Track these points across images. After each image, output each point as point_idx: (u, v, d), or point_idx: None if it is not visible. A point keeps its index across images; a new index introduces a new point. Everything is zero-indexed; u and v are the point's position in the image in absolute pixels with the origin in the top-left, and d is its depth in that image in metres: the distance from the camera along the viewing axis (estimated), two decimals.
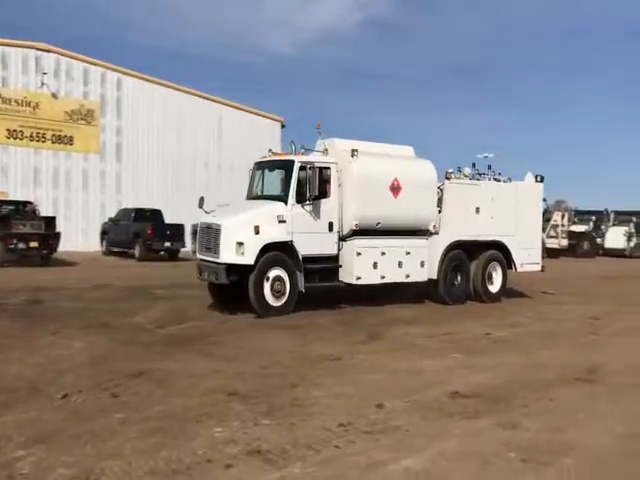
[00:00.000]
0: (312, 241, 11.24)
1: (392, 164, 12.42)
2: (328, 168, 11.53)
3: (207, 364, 7.12)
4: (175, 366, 6.95)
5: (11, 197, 24.62)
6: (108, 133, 29.56)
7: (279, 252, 10.90)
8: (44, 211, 23.06)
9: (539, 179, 14.48)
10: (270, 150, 12.74)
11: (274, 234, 10.86)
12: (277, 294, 10.83)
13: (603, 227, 37.81)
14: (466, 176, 13.85)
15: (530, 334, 9.95)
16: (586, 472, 4.36)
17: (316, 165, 11.32)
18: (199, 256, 11.51)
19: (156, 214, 24.97)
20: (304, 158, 11.53)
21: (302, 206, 11.19)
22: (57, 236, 20.00)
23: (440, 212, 12.86)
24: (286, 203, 11.13)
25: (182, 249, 24.53)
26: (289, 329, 9.55)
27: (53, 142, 28.02)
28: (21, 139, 27.30)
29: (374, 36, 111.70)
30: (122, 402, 5.59)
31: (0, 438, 4.61)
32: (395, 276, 12.17)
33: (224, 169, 32.83)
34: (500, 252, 13.73)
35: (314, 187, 11.09)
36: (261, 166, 12.45)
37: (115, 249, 25.36)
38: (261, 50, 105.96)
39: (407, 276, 12.34)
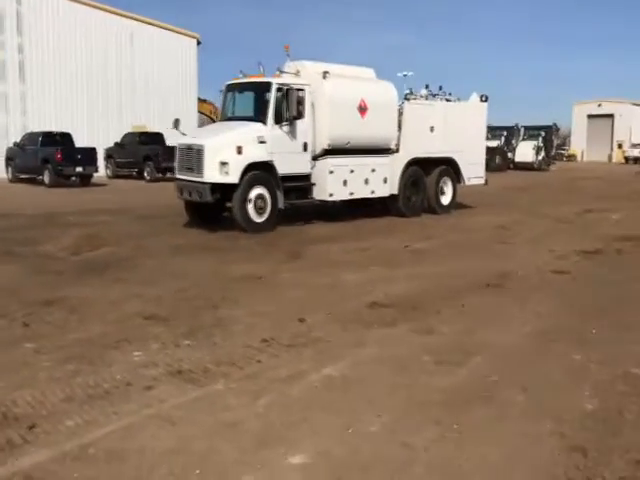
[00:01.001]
0: (289, 161, 11.72)
1: (359, 85, 12.95)
2: (302, 90, 11.90)
3: (123, 289, 6.94)
4: (90, 293, 6.74)
5: None
6: (8, 51, 27.17)
7: (260, 171, 11.35)
8: None
9: (484, 99, 15.26)
10: (241, 72, 12.75)
11: (256, 154, 11.30)
12: (260, 211, 11.38)
13: (514, 142, 39.10)
14: (422, 97, 14.43)
15: (445, 245, 10.31)
16: (495, 368, 4.62)
17: (292, 87, 11.66)
18: (178, 176, 11.83)
19: (66, 138, 23.62)
20: (280, 80, 11.84)
21: (280, 127, 11.62)
22: None
23: (400, 131, 13.44)
24: (265, 124, 11.50)
25: (95, 174, 23.51)
26: (208, 251, 9.44)
27: None
28: None
29: None
30: (34, 331, 5.39)
31: None
32: (362, 192, 12.93)
33: (138, 88, 31.19)
34: (451, 167, 14.64)
35: (292, 108, 11.55)
36: (233, 88, 12.63)
37: (22, 176, 23.96)
38: None
39: (372, 192, 13.12)
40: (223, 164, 10.94)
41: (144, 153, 25.53)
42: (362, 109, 12.64)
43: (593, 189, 22.81)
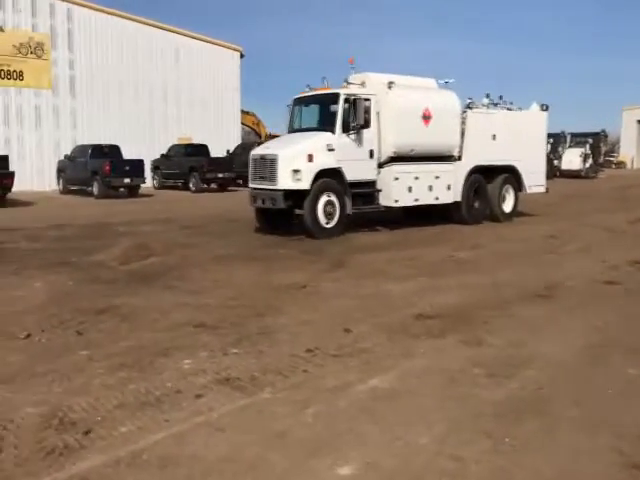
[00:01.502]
0: (356, 168, 12.27)
1: (422, 95, 13.40)
2: (368, 100, 12.43)
3: (172, 298, 7.07)
4: (140, 301, 6.89)
5: None
6: (60, 67, 28.12)
7: (329, 178, 11.93)
8: None
9: (544, 108, 15.52)
10: (308, 86, 13.48)
11: (325, 161, 11.91)
12: (329, 217, 11.94)
13: (560, 149, 38.30)
14: (484, 106, 14.76)
15: (491, 255, 10.15)
16: (547, 381, 4.52)
17: (359, 97, 12.23)
18: (252, 185, 12.51)
19: (114, 150, 24.25)
20: (347, 91, 12.47)
21: (347, 135, 12.20)
22: (11, 175, 19.27)
23: (462, 139, 13.78)
24: (334, 133, 12.10)
25: (142, 185, 24.07)
26: (253, 261, 9.53)
27: (2, 78, 26.60)
28: None
29: None
30: (87, 339, 5.53)
31: None
32: (426, 198, 13.28)
33: (183, 101, 31.88)
34: (512, 175, 14.86)
35: (360, 117, 12.13)
36: (301, 101, 13.29)
37: (72, 187, 24.72)
38: None
39: (436, 198, 13.45)
40: (295, 172, 11.59)
41: (189, 164, 26.05)
42: (426, 117, 13.07)
43: None
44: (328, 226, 11.93)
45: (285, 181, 11.65)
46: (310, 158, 11.72)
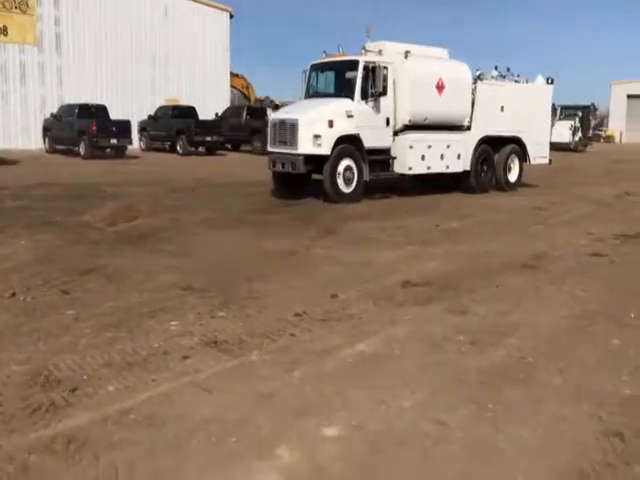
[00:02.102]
0: (373, 135, 12.45)
1: (437, 65, 13.62)
2: (386, 68, 12.56)
3: (160, 260, 7.04)
4: (127, 263, 6.85)
5: None
6: (46, 23, 27.48)
7: (348, 144, 12.07)
8: None
9: (550, 81, 15.77)
10: (324, 52, 13.65)
11: (345, 127, 12.06)
12: (347, 182, 12.15)
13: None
14: (493, 77, 14.93)
15: (479, 225, 10.19)
16: (531, 349, 4.57)
17: (378, 64, 12.36)
18: (271, 149, 12.68)
19: (101, 110, 23.90)
20: (367, 58, 12.59)
21: (366, 102, 12.35)
22: None
23: (472, 110, 14.02)
24: (352, 99, 12.24)
25: (129, 146, 23.78)
26: (242, 225, 9.49)
27: None
28: None
29: None
30: (73, 299, 5.51)
31: None
32: (438, 167, 13.54)
33: (172, 62, 31.33)
34: (518, 146, 15.14)
35: (379, 84, 12.26)
36: (318, 67, 13.39)
37: (59, 147, 24.40)
38: None
39: (447, 167, 13.70)
40: (316, 137, 11.73)
41: (177, 127, 25.75)
42: (439, 87, 13.25)
43: (632, 171, 22.25)
44: (347, 191, 12.18)
45: (306, 146, 11.83)
46: (331, 124, 11.89)
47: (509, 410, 3.63)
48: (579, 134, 37.45)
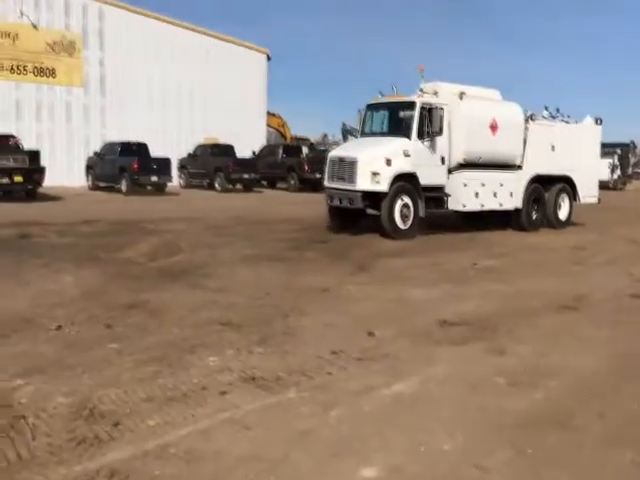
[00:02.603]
0: (429, 173, 12.89)
1: (490, 106, 14.10)
2: (442, 109, 12.97)
3: (199, 296, 7.18)
4: (168, 298, 7.00)
5: None
6: (91, 65, 28.66)
7: (405, 182, 12.55)
8: (27, 145, 22.54)
9: (599, 122, 16.08)
10: (380, 92, 14.11)
11: (402, 166, 12.52)
12: (404, 218, 12.56)
13: None
14: (544, 118, 15.45)
15: (517, 263, 10.10)
16: (571, 393, 4.51)
17: (435, 106, 12.81)
18: (329, 185, 13.14)
19: (142, 148, 24.61)
20: (424, 100, 13.05)
21: (422, 142, 12.79)
22: (42, 170, 19.64)
23: (524, 149, 14.33)
24: (409, 139, 12.69)
25: (169, 183, 24.36)
26: (278, 262, 9.61)
27: (35, 74, 27.18)
28: (1, 71, 26.43)
29: None
30: (116, 333, 5.65)
31: None
32: (491, 204, 13.94)
33: (211, 102, 32.16)
34: (568, 185, 15.43)
35: (436, 125, 12.73)
36: (374, 107, 13.94)
37: (101, 184, 25.14)
38: None
39: (500, 205, 14.10)
40: (374, 174, 12.19)
41: (215, 164, 26.32)
42: (493, 127, 13.69)
43: None
44: (403, 227, 12.55)
45: (364, 182, 12.25)
46: (388, 162, 12.32)
47: (549, 455, 3.58)
48: (618, 172, 36.95)
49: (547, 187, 15.03)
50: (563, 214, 15.47)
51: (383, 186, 12.24)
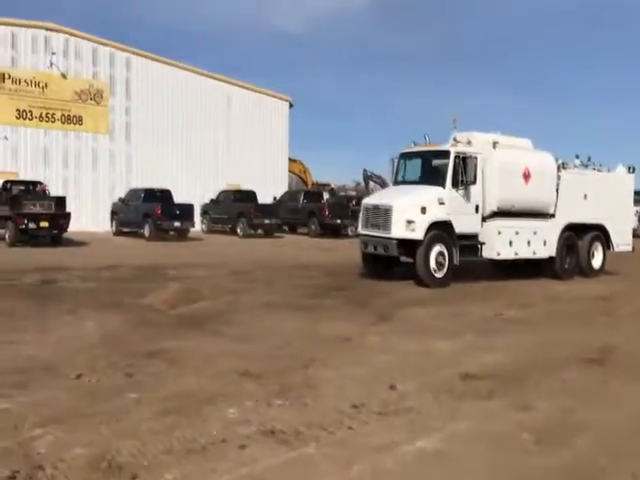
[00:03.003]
0: (463, 221, 12.98)
1: (523, 155, 14.22)
2: (476, 157, 13.14)
3: (219, 344, 7.15)
4: (188, 346, 6.99)
5: (21, 177, 24.69)
6: (117, 113, 29.54)
7: (440, 230, 12.63)
8: (54, 191, 23.12)
9: (631, 170, 16.25)
10: (413, 142, 14.29)
11: (437, 214, 12.66)
12: (439, 266, 12.60)
13: None
14: (576, 166, 15.45)
15: (543, 314, 9.94)
16: (601, 451, 4.36)
17: (469, 155, 12.96)
18: (363, 232, 13.37)
19: (165, 194, 25.01)
20: (458, 149, 13.15)
21: (456, 190, 12.91)
22: (67, 216, 20.03)
23: (557, 197, 14.42)
24: (444, 187, 12.82)
25: (191, 229, 24.62)
26: (299, 310, 9.57)
27: (62, 122, 28.06)
28: (31, 119, 27.35)
29: (382, 15, 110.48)
30: (136, 382, 5.63)
31: (16, 418, 4.65)
32: (525, 252, 13.96)
33: (233, 148, 32.80)
34: (601, 233, 15.46)
35: (470, 174, 12.87)
36: (407, 155, 14.16)
37: (125, 229, 25.52)
38: (270, 28, 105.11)
39: (534, 253, 14.09)
40: (409, 222, 12.35)
41: (237, 210, 26.61)
42: (526, 176, 13.77)
43: None
44: (438, 275, 12.59)
45: (399, 230, 12.40)
46: (423, 210, 12.47)
47: None
48: None
49: (580, 235, 15.04)
50: (597, 262, 15.43)
51: (418, 234, 12.35)
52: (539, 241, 14.07)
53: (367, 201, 13.90)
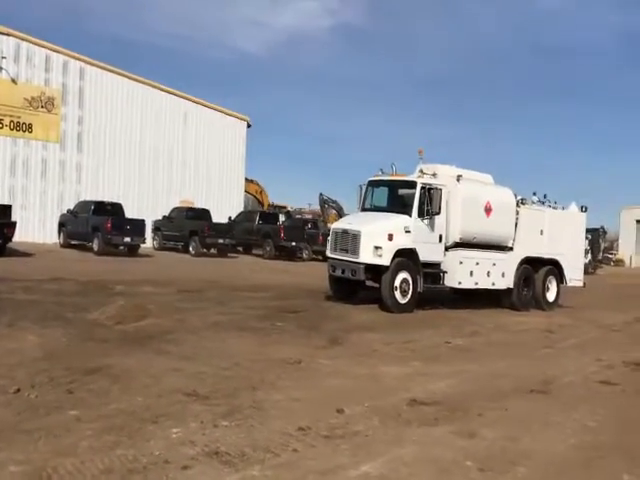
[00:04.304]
0: (427, 249, 13.35)
1: (484, 189, 14.76)
2: (440, 190, 13.49)
3: (165, 363, 7.00)
4: (132, 364, 6.82)
5: None
6: (69, 122, 28.88)
7: (405, 257, 12.97)
8: (0, 199, 22.39)
9: (584, 210, 17.02)
10: (381, 170, 14.60)
11: (403, 242, 13.02)
12: (403, 293, 12.92)
13: None
14: (534, 203, 16.03)
15: (488, 344, 10.12)
16: (540, 478, 4.44)
17: (435, 186, 13.35)
18: (332, 255, 13.67)
19: (116, 207, 24.57)
20: (425, 180, 13.61)
21: (422, 220, 13.28)
22: (13, 225, 19.40)
23: (515, 232, 14.97)
24: (410, 216, 13.17)
25: (142, 245, 24.18)
26: (249, 331, 9.49)
27: (11, 129, 27.27)
28: None
29: (343, 41, 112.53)
30: (77, 398, 5.45)
31: None
32: (485, 283, 14.42)
33: (188, 165, 32.53)
34: (555, 268, 15.98)
35: (435, 205, 13.24)
36: (375, 183, 14.52)
37: (73, 242, 24.86)
38: (230, 48, 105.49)
39: (493, 284, 14.57)
40: (377, 248, 12.65)
41: (191, 228, 26.29)
42: (487, 210, 14.30)
43: None
44: (402, 302, 12.88)
45: (367, 255, 12.69)
46: (390, 237, 12.80)
47: None
48: (589, 256, 37.81)
49: (536, 269, 15.54)
50: (551, 296, 15.96)
51: (385, 260, 12.65)
52: (498, 272, 14.53)
53: (336, 225, 14.23)
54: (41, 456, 4.15)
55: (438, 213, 13.36)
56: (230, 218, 29.42)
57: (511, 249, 14.95)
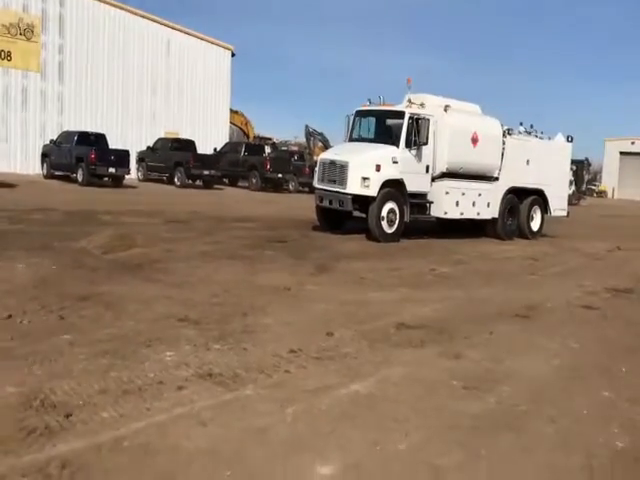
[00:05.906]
0: (414, 180, 13.39)
1: (472, 119, 14.72)
2: (428, 120, 13.40)
3: (156, 290, 7.05)
4: (123, 291, 6.86)
5: None
6: (50, 51, 27.92)
7: (392, 188, 12.97)
8: None
9: (570, 140, 17.09)
10: (368, 100, 14.51)
11: (391, 172, 13.00)
12: (390, 223, 13.01)
13: None
14: (520, 133, 16.01)
15: (473, 272, 10.28)
16: (523, 398, 4.61)
17: (423, 116, 13.26)
18: (319, 186, 13.62)
19: (100, 138, 24.14)
20: (413, 110, 13.48)
21: (409, 150, 13.26)
22: None
23: (501, 162, 15.01)
24: (398, 147, 13.15)
25: (126, 176, 23.92)
26: (238, 259, 9.53)
27: None
28: None
29: None
30: (70, 324, 5.50)
31: None
32: (470, 213, 14.56)
33: (172, 96, 31.80)
34: (540, 198, 16.24)
35: (423, 135, 13.22)
36: (363, 113, 14.41)
37: (57, 173, 24.51)
38: None
39: (478, 214, 14.73)
40: (365, 179, 12.65)
41: (175, 159, 25.98)
42: (474, 140, 14.28)
43: (624, 227, 22.57)
44: (389, 231, 13.02)
45: (354, 186, 12.72)
46: (378, 168, 12.78)
47: (501, 457, 3.65)
48: (573, 188, 38.03)
49: (521, 199, 15.72)
50: (535, 225, 16.25)
51: (372, 191, 12.66)
52: (483, 202, 14.68)
53: (324, 156, 14.09)
54: (37, 378, 4.21)
55: (426, 143, 13.34)
56: (215, 150, 29.05)
57: (497, 179, 15.05)
